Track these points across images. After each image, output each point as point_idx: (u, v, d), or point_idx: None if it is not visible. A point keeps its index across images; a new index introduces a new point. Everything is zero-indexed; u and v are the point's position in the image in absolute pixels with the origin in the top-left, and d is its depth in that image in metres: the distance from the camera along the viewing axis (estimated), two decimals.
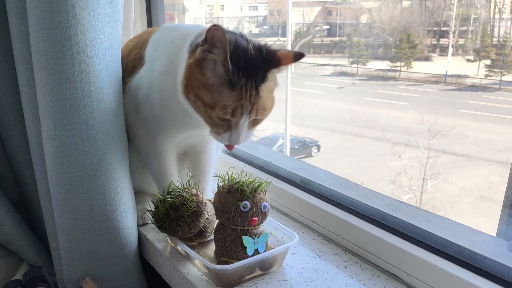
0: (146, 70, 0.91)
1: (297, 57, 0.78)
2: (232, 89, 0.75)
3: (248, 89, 0.76)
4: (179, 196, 0.85)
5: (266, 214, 0.83)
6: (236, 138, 0.80)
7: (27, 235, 1.03)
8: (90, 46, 0.81)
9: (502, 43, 5.06)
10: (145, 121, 0.92)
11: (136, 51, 0.96)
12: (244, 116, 0.77)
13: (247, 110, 0.77)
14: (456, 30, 5.44)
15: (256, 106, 0.77)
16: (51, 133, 0.83)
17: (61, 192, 0.87)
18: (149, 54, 0.92)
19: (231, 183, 0.83)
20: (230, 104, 0.75)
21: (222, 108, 0.76)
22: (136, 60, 0.94)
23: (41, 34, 0.78)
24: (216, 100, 0.76)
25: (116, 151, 0.90)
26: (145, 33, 0.99)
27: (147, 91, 0.89)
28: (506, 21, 4.94)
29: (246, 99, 0.76)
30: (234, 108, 0.76)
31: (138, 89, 0.91)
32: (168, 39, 0.90)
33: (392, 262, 0.82)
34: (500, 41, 5.10)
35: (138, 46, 0.96)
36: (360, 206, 0.93)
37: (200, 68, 0.76)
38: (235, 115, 0.77)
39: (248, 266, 0.80)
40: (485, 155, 4.33)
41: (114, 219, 0.91)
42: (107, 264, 0.95)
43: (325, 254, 0.90)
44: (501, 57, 4.84)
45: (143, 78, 0.91)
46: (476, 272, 0.73)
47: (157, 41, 0.92)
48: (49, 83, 0.80)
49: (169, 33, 0.92)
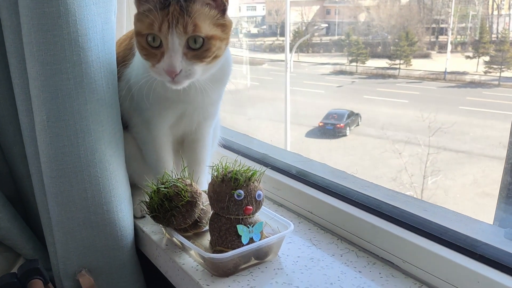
0: (136, 58, 0.92)
1: None
2: (161, 10, 0.77)
3: (174, 6, 0.77)
4: (173, 186, 0.84)
5: (261, 203, 0.83)
6: (169, 61, 0.78)
7: (23, 230, 1.02)
8: (82, 37, 0.81)
9: (501, 39, 5.06)
10: (138, 107, 0.94)
11: (127, 42, 0.98)
12: (171, 31, 0.77)
13: (172, 24, 0.77)
14: (455, 27, 5.44)
15: (183, 21, 0.77)
16: (44, 125, 0.83)
17: (55, 184, 0.87)
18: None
19: (225, 172, 0.83)
20: (157, 18, 0.77)
21: (149, 25, 0.78)
22: (126, 50, 0.96)
23: (32, 24, 0.78)
24: (144, 23, 0.79)
25: (110, 142, 0.89)
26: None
27: (137, 78, 0.91)
28: (504, 17, 4.94)
29: (171, 14, 0.77)
30: (160, 23, 0.77)
31: (130, 77, 0.93)
32: None
33: (388, 249, 0.82)
34: (499, 37, 5.11)
35: (128, 36, 0.99)
36: (355, 195, 0.93)
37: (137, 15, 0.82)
38: (161, 30, 0.77)
39: (243, 255, 0.80)
40: (485, 151, 4.33)
41: (110, 211, 0.91)
42: (103, 256, 0.95)
43: (321, 243, 0.89)
44: (500, 53, 4.84)
45: (135, 66, 0.93)
46: (472, 257, 0.73)
47: None
48: (42, 74, 0.80)
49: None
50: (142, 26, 0.80)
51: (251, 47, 6.52)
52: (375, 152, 5.04)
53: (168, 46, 0.78)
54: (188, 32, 0.78)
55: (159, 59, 0.80)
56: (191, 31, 0.78)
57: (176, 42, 0.78)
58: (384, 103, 5.76)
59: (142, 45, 0.81)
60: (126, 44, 0.97)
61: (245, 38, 6.24)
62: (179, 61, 0.78)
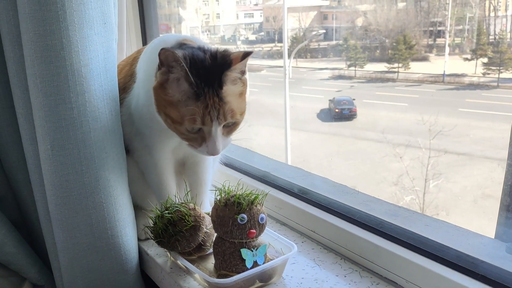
0: (137, 84, 0.94)
1: (245, 55, 0.82)
2: (197, 100, 0.79)
3: (211, 98, 0.80)
4: (177, 211, 0.85)
5: (264, 226, 0.84)
6: (213, 147, 0.82)
7: (28, 255, 1.03)
8: (85, 67, 0.82)
9: (498, 41, 5.06)
10: (140, 132, 0.95)
11: (127, 68, 0.99)
12: (214, 123, 0.80)
13: (214, 116, 0.80)
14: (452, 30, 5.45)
15: (223, 111, 0.80)
16: (49, 154, 0.84)
17: (60, 211, 0.88)
18: (139, 70, 0.95)
19: (228, 196, 0.84)
20: (198, 113, 0.79)
21: (191, 120, 0.80)
22: (127, 77, 0.97)
23: (35, 57, 0.79)
24: (184, 114, 0.80)
25: (114, 168, 0.90)
26: (136, 52, 1.02)
27: (137, 105, 0.92)
28: (501, 19, 4.95)
29: (211, 106, 0.80)
30: (202, 117, 0.79)
31: (132, 102, 0.94)
32: (148, 50, 0.94)
33: (391, 269, 0.83)
34: (496, 39, 5.11)
35: (128, 63, 1.00)
36: (357, 214, 0.94)
37: (164, 88, 0.81)
38: (205, 123, 0.80)
39: (247, 279, 0.81)
40: (486, 153, 4.33)
41: (114, 236, 0.92)
42: (109, 280, 0.96)
43: (325, 263, 0.90)
44: (498, 54, 4.85)
45: (136, 93, 0.94)
46: (474, 277, 0.74)
47: (146, 52, 0.95)
48: (45, 105, 0.81)
49: (150, 44, 0.96)
50: (180, 116, 0.80)
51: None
52: (375, 157, 5.04)
53: (211, 135, 0.82)
54: (227, 119, 0.82)
55: (200, 143, 0.83)
56: (229, 118, 0.82)
57: (218, 130, 0.82)
58: (383, 107, 5.76)
59: (181, 131, 0.82)
60: (127, 71, 0.98)
61: (243, 45, 6.27)
62: (221, 143, 0.83)
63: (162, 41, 0.91)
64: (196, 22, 6.08)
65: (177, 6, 5.37)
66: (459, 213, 3.64)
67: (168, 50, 0.78)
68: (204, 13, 6.16)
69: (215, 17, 6.21)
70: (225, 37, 6.11)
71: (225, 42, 6.02)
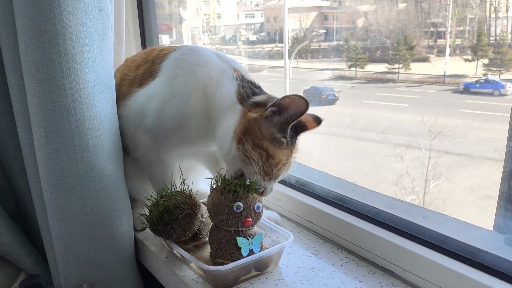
0: (162, 84, 0.92)
1: (319, 122, 0.88)
2: (285, 148, 0.84)
3: (291, 151, 0.86)
4: (173, 199, 0.85)
5: (260, 215, 0.83)
6: (271, 189, 0.87)
7: (24, 245, 1.03)
8: (79, 53, 0.81)
9: (499, 42, 5.06)
10: (151, 131, 0.92)
11: (147, 65, 0.97)
12: (284, 172, 0.87)
13: (288, 168, 0.87)
14: (453, 31, 5.45)
15: (289, 164, 0.87)
16: (43, 141, 0.84)
17: (55, 199, 0.87)
18: (167, 70, 0.92)
19: (224, 185, 0.83)
20: (286, 159, 0.85)
21: (282, 161, 0.84)
22: (146, 73, 0.95)
23: (29, 43, 0.79)
24: (279, 155, 0.84)
25: (109, 157, 0.90)
26: (154, 50, 1.00)
27: (162, 103, 0.90)
28: (502, 20, 4.95)
29: (289, 158, 0.86)
30: (285, 160, 0.85)
31: (150, 99, 0.92)
32: (197, 64, 0.91)
33: (387, 258, 0.82)
34: (497, 40, 5.11)
35: (148, 60, 0.97)
36: (354, 204, 0.93)
37: (262, 123, 0.83)
38: (281, 170, 0.85)
39: (243, 267, 0.80)
40: (487, 154, 4.31)
41: (110, 225, 0.92)
42: (104, 270, 0.95)
43: (321, 252, 0.89)
44: (499, 55, 4.84)
45: (158, 90, 0.91)
46: (471, 265, 0.73)
47: (180, 60, 0.93)
48: (39, 91, 0.81)
49: (196, 58, 0.92)
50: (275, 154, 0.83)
51: (250, 54, 6.53)
52: (376, 157, 5.03)
53: (275, 179, 0.87)
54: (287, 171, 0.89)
55: (263, 177, 0.84)
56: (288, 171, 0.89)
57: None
58: (384, 108, 5.75)
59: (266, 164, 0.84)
60: (147, 68, 0.96)
61: (244, 45, 6.26)
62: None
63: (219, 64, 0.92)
64: (197, 22, 6.08)
65: (178, 6, 5.37)
66: (460, 214, 3.63)
67: (302, 99, 0.79)
68: (205, 13, 6.16)
69: (216, 17, 6.21)
70: (225, 38, 6.11)
71: (226, 42, 6.01)
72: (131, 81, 0.97)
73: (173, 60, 0.93)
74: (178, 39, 4.59)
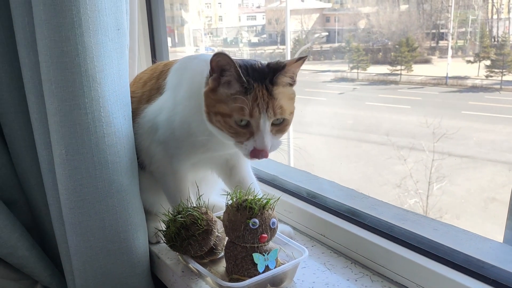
0: (168, 97, 0.95)
1: (299, 59, 0.85)
2: (247, 94, 0.82)
3: (261, 90, 0.82)
4: (190, 215, 0.86)
5: (275, 230, 0.85)
6: (261, 141, 0.83)
7: (40, 258, 1.04)
8: (99, 73, 0.83)
9: (501, 43, 5.06)
10: (163, 143, 0.95)
11: (153, 82, 1.00)
12: (262, 115, 0.82)
13: (263, 108, 0.82)
14: (455, 32, 5.45)
15: (272, 105, 0.82)
16: (63, 158, 0.85)
17: (74, 215, 0.89)
18: (171, 83, 0.96)
19: (240, 201, 0.84)
20: (246, 104, 0.81)
21: (240, 110, 0.81)
22: (153, 90, 0.99)
23: (51, 63, 0.80)
24: (232, 107, 0.82)
25: (126, 172, 0.91)
26: (159, 65, 1.04)
27: (169, 114, 0.93)
28: (504, 21, 4.95)
29: (260, 98, 0.82)
30: (251, 108, 0.81)
31: (159, 113, 0.95)
32: (189, 67, 0.96)
33: (401, 273, 0.83)
34: (499, 41, 5.11)
35: (154, 77, 1.01)
36: (367, 218, 0.94)
37: (215, 92, 0.84)
38: (253, 115, 0.82)
39: (259, 283, 0.82)
40: (489, 156, 4.33)
41: (126, 239, 0.93)
42: (121, 283, 0.97)
43: (335, 267, 0.91)
44: (501, 57, 4.84)
45: (165, 103, 0.95)
46: (484, 281, 0.74)
47: (179, 69, 0.97)
48: (60, 110, 0.82)
49: (190, 61, 0.98)
50: (229, 109, 0.82)
51: (252, 56, 6.54)
52: (379, 159, 5.04)
53: (259, 129, 0.83)
54: (277, 115, 0.83)
55: (248, 137, 0.83)
56: (279, 114, 0.84)
57: (266, 124, 0.83)
58: (386, 109, 5.76)
59: (230, 124, 0.83)
60: (153, 84, 0.99)
61: (246, 47, 6.27)
62: (269, 140, 0.83)
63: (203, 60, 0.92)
64: (199, 24, 6.09)
65: (180, 8, 5.38)
66: (463, 217, 3.64)
67: (220, 54, 0.80)
68: (207, 15, 6.17)
69: (218, 19, 6.22)
70: (227, 40, 6.11)
71: (228, 44, 6.02)
72: (139, 98, 1.01)
73: (174, 72, 0.97)
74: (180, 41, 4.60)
